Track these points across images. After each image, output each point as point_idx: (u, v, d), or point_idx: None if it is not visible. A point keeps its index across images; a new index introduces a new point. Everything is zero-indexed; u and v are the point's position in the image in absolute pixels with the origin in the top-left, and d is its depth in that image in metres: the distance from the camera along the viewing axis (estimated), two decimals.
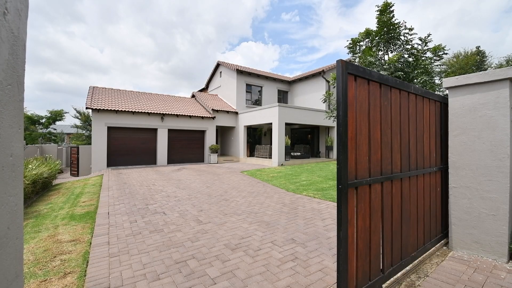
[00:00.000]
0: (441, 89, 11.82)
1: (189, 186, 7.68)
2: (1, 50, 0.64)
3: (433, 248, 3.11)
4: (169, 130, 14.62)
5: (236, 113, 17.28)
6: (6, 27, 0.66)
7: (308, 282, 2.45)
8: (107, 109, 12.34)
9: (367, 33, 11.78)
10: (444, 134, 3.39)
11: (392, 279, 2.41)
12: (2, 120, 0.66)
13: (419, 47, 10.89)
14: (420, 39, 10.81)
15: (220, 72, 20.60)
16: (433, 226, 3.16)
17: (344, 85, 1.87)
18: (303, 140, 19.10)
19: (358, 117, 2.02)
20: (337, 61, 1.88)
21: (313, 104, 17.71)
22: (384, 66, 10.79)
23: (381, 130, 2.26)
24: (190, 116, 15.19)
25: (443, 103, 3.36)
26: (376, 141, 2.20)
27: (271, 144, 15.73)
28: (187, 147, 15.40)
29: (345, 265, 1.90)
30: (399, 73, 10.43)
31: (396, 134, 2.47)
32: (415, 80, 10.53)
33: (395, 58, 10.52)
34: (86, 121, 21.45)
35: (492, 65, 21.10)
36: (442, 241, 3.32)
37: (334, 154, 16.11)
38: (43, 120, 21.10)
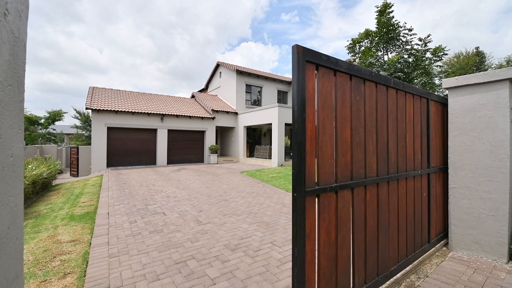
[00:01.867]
0: (440, 90, 11.84)
1: (189, 187, 7.68)
2: (2, 51, 0.64)
3: (432, 249, 3.11)
4: (169, 131, 14.62)
5: (236, 113, 17.29)
6: (6, 28, 0.66)
7: None
8: (106, 110, 12.35)
9: (367, 34, 11.81)
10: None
11: (392, 279, 2.40)
12: (3, 121, 0.66)
13: (419, 47, 10.91)
14: (420, 39, 10.83)
15: (220, 72, 20.61)
16: (418, 236, 2.87)
17: (301, 75, 1.59)
18: None
19: (320, 114, 1.74)
20: (292, 46, 1.58)
21: None
22: (384, 67, 10.80)
23: (351, 129, 1.99)
24: (189, 117, 15.19)
25: (430, 99, 3.06)
26: (345, 141, 1.93)
27: (270, 144, 15.73)
28: (186, 147, 15.41)
29: (302, 287, 1.61)
30: (399, 73, 10.45)
31: (371, 133, 2.19)
32: (415, 81, 10.56)
33: (395, 59, 10.54)
34: (85, 121, 21.43)
35: (492, 66, 21.13)
36: (442, 242, 3.31)
37: None
38: (42, 121, 21.08)
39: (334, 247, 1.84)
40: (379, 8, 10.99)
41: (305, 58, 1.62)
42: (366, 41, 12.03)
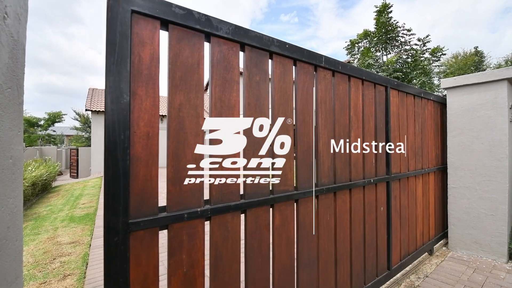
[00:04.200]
0: (439, 89, 11.87)
1: None
2: (1, 54, 0.65)
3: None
4: None
5: None
6: (6, 31, 0.67)
7: None
8: None
9: (365, 34, 11.85)
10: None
11: (391, 279, 2.40)
12: (2, 123, 0.66)
13: (418, 47, 10.95)
14: (419, 39, 10.87)
15: None
16: (371, 264, 2.14)
17: (121, 34, 0.98)
18: None
19: (175, 98, 1.16)
20: None
21: None
22: (383, 67, 10.83)
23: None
24: None
25: (390, 87, 2.37)
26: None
27: None
28: None
29: None
30: (398, 73, 10.48)
31: (286, 130, 1.55)
32: (414, 81, 10.58)
33: (394, 60, 10.57)
34: (85, 122, 21.46)
35: (491, 66, 21.19)
36: (442, 241, 3.32)
37: None
38: (42, 122, 21.10)
39: None
40: (378, 8, 11.02)
41: (132, 7, 1.01)
42: (365, 41, 12.05)
